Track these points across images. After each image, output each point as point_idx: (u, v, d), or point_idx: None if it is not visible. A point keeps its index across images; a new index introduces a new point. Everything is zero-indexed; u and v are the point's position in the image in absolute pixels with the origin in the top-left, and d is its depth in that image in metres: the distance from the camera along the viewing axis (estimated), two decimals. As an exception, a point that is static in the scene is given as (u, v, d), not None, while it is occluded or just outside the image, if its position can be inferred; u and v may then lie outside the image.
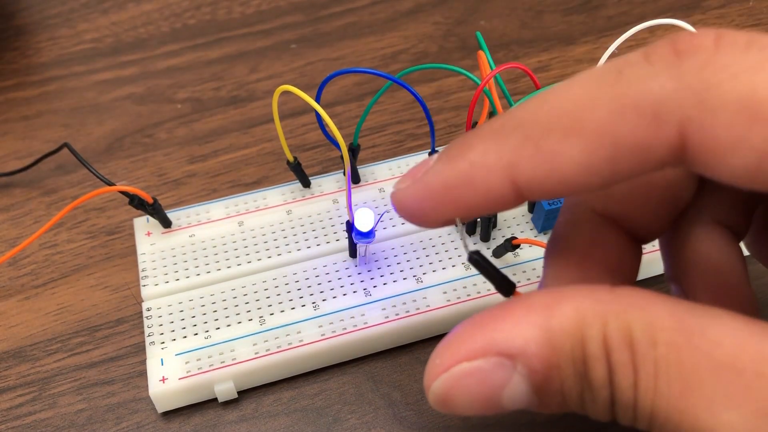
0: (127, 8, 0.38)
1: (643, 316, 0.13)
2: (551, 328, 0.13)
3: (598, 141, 0.13)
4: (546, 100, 0.13)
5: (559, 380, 0.14)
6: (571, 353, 0.13)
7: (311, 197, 0.27)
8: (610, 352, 0.13)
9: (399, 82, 0.24)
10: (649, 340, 0.13)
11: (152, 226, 0.26)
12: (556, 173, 0.13)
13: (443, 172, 0.14)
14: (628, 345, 0.13)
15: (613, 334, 0.13)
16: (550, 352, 0.13)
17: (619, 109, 0.12)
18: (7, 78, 0.35)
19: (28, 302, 0.26)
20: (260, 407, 0.23)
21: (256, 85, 0.34)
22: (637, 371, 0.13)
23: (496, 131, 0.14)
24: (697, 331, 0.12)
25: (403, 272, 0.25)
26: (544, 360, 0.14)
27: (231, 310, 0.24)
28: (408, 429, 0.22)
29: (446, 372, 0.14)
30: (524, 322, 0.14)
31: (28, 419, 0.23)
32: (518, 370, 0.14)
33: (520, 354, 0.14)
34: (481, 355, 0.14)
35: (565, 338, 0.13)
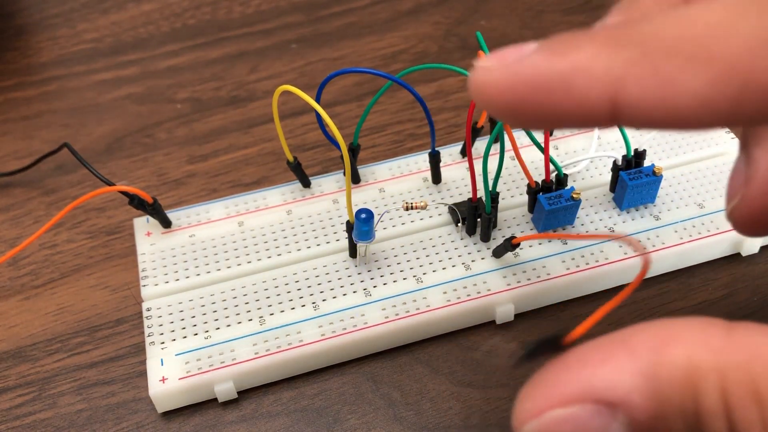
0: (127, 8, 0.38)
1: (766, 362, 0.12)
2: (658, 377, 0.12)
3: (728, 75, 0.11)
4: (677, 19, 0.12)
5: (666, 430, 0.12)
6: (680, 406, 0.12)
7: (311, 197, 0.27)
8: (732, 409, 0.12)
9: (399, 81, 0.24)
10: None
11: (152, 226, 0.26)
12: (669, 103, 0.11)
13: (540, 65, 0.12)
14: (754, 400, 0.11)
15: (734, 388, 0.12)
16: (656, 404, 0.12)
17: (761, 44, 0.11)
18: (7, 78, 0.35)
19: (28, 302, 0.26)
20: (260, 407, 0.23)
21: (256, 85, 0.34)
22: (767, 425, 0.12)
23: (612, 37, 0.12)
24: None
25: (403, 272, 0.24)
26: (650, 412, 0.12)
27: (231, 310, 0.24)
28: (408, 429, 0.22)
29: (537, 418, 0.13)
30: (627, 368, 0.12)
31: (28, 419, 0.23)
32: (619, 419, 0.12)
33: (622, 404, 0.12)
34: (577, 401, 0.13)
35: (674, 391, 0.12)
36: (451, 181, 0.27)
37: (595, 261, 0.24)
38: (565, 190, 0.25)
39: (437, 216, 0.26)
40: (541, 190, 0.25)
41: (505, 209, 0.26)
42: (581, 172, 0.27)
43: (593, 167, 0.27)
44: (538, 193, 0.25)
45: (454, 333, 0.24)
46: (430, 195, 0.27)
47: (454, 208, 0.25)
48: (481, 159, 0.23)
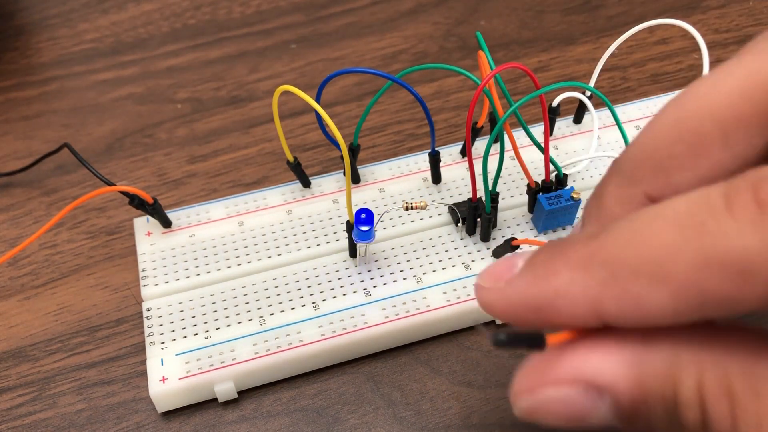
0: (127, 8, 0.38)
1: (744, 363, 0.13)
2: (643, 367, 0.13)
3: (685, 292, 0.12)
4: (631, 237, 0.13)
5: (646, 416, 0.14)
6: (661, 395, 0.13)
7: (311, 197, 0.27)
8: (705, 401, 0.13)
9: (399, 82, 0.24)
10: (751, 390, 0.12)
11: (152, 226, 0.26)
12: (643, 315, 0.13)
13: (527, 292, 0.14)
14: (726, 395, 0.13)
15: (709, 382, 0.13)
16: (639, 391, 0.13)
17: (705, 264, 0.12)
18: (7, 78, 0.35)
19: (28, 302, 0.26)
20: (260, 407, 0.23)
21: (256, 85, 0.34)
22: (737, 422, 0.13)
23: (582, 262, 0.14)
24: None
25: (403, 272, 0.24)
26: (633, 398, 0.13)
27: (231, 310, 0.24)
28: (408, 429, 0.22)
29: (532, 395, 0.14)
30: (616, 356, 0.14)
31: (28, 419, 0.23)
32: (605, 402, 0.14)
33: (609, 389, 0.14)
34: (568, 383, 0.14)
35: (656, 380, 0.13)
36: (451, 181, 0.27)
37: (595, 261, 0.24)
38: (564, 190, 0.25)
39: (437, 216, 0.26)
40: (541, 190, 0.25)
41: (505, 209, 0.26)
42: (581, 172, 0.27)
43: (593, 167, 0.27)
44: (538, 193, 0.25)
45: (454, 333, 0.24)
46: (430, 195, 0.27)
47: (454, 208, 0.25)
48: (481, 159, 0.23)
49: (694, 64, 0.33)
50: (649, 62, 0.33)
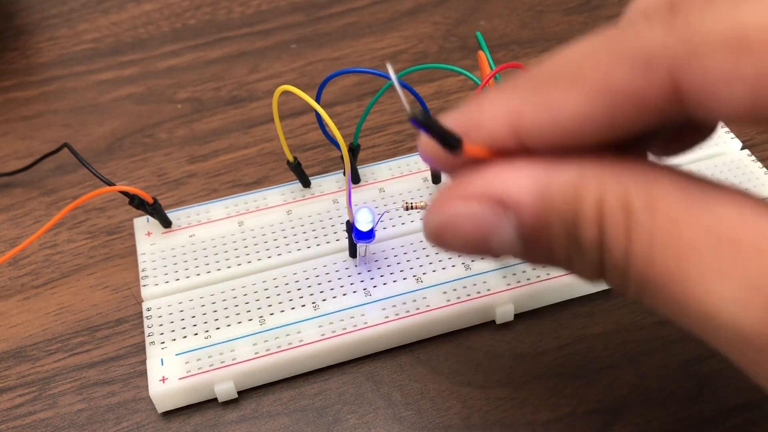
0: (127, 8, 0.38)
1: (644, 183, 0.13)
2: (548, 183, 0.14)
3: (597, 91, 0.13)
4: (555, 56, 0.14)
5: (547, 236, 0.14)
6: (562, 212, 0.14)
7: (311, 197, 0.27)
8: (604, 217, 0.13)
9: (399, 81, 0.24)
10: (647, 207, 0.13)
11: (152, 226, 0.26)
12: (557, 122, 0.13)
13: (457, 114, 0.15)
14: (623, 210, 0.13)
15: (609, 198, 0.13)
16: (542, 206, 0.14)
17: (615, 60, 0.13)
18: (7, 78, 0.35)
19: (28, 302, 0.26)
20: (260, 407, 0.23)
21: (256, 85, 0.34)
22: (631, 238, 0.13)
23: (509, 85, 0.14)
24: (700, 204, 0.13)
25: (403, 272, 0.24)
26: (535, 214, 0.14)
27: (231, 310, 0.24)
28: (408, 429, 0.22)
29: (441, 210, 0.15)
30: (524, 173, 0.14)
31: (28, 419, 0.23)
32: (509, 219, 0.14)
33: (513, 204, 0.14)
34: (475, 199, 0.14)
35: (559, 196, 0.14)
36: (451, 181, 0.27)
37: (595, 261, 0.24)
38: (565, 190, 0.25)
39: (437, 216, 0.26)
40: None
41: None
42: (581, 172, 0.27)
43: (593, 167, 0.27)
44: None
45: (454, 333, 0.24)
46: (430, 195, 0.27)
47: None
48: (481, 159, 0.23)
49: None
50: (649, 62, 0.33)
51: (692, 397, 0.22)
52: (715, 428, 0.22)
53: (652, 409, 0.22)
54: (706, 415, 0.22)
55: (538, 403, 0.22)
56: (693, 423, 0.22)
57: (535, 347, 0.24)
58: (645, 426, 0.22)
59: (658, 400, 0.22)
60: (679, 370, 0.23)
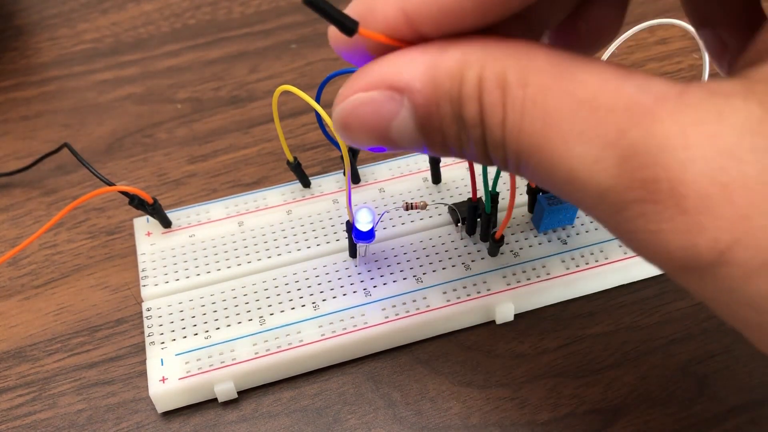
0: (127, 8, 0.38)
1: (520, 60, 0.14)
2: (436, 66, 0.14)
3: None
4: None
5: (438, 118, 0.15)
6: (449, 92, 0.14)
7: (311, 197, 0.27)
8: (483, 93, 0.14)
9: None
10: (520, 81, 0.13)
11: (152, 226, 0.26)
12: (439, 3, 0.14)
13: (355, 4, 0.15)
14: (500, 86, 0.14)
15: (488, 75, 0.14)
16: (431, 89, 0.14)
17: None
18: (7, 78, 0.35)
19: (28, 302, 0.26)
20: (260, 407, 0.23)
21: (256, 85, 0.34)
22: (506, 110, 0.14)
23: None
24: (568, 75, 0.13)
25: (403, 272, 0.24)
26: (426, 96, 0.14)
27: (231, 310, 0.24)
28: (408, 429, 0.22)
29: (345, 100, 0.15)
30: (416, 60, 0.14)
31: (28, 419, 0.23)
32: (404, 104, 0.15)
33: (406, 88, 0.14)
34: (374, 87, 0.15)
35: (446, 77, 0.14)
36: (451, 181, 0.27)
37: (594, 261, 0.24)
38: (565, 190, 0.25)
39: (437, 216, 0.26)
40: (541, 189, 0.25)
41: (505, 209, 0.26)
42: (581, 172, 0.27)
43: (593, 167, 0.27)
44: (538, 193, 0.25)
45: (454, 333, 0.24)
46: (430, 195, 0.27)
47: (454, 208, 0.25)
48: (481, 159, 0.23)
49: (694, 64, 0.33)
50: (649, 62, 0.33)
51: (692, 398, 0.22)
52: (715, 428, 0.22)
53: (652, 409, 0.22)
54: (706, 415, 0.22)
55: (538, 403, 0.22)
56: (693, 423, 0.22)
57: (535, 347, 0.24)
58: (645, 426, 0.22)
59: (658, 401, 0.22)
60: (679, 371, 0.23)
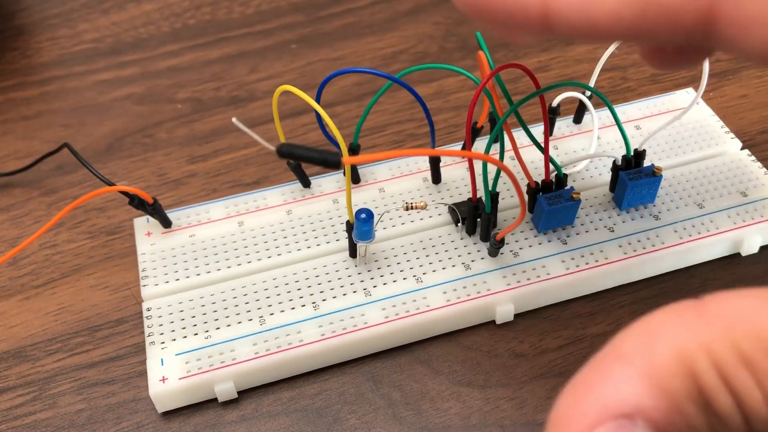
0: (127, 8, 0.38)
1: (747, 329, 0.13)
2: (657, 375, 0.13)
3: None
4: None
5: (683, 420, 0.13)
6: (686, 393, 0.13)
7: (311, 197, 0.27)
8: (729, 379, 0.12)
9: (399, 81, 0.24)
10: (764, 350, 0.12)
11: (152, 226, 0.26)
12: (588, 12, 0.14)
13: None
14: (745, 365, 0.12)
15: (723, 359, 0.12)
16: (665, 400, 0.13)
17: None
18: (7, 78, 0.35)
19: (28, 302, 0.26)
20: (260, 407, 0.23)
21: (256, 85, 0.34)
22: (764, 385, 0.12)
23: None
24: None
25: (403, 272, 0.24)
26: (662, 410, 0.13)
27: (231, 310, 0.24)
28: (408, 429, 0.22)
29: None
30: (627, 378, 0.13)
31: (28, 419, 0.23)
32: (639, 425, 0.13)
33: (637, 412, 0.13)
34: (598, 424, 0.13)
35: (675, 381, 0.13)
36: (451, 181, 0.27)
37: (594, 261, 0.24)
38: (564, 190, 0.25)
39: (437, 216, 0.26)
40: (541, 190, 0.25)
41: (505, 209, 0.26)
42: (581, 172, 0.27)
43: (593, 167, 0.27)
44: (538, 193, 0.25)
45: (454, 333, 0.24)
46: (430, 195, 0.27)
47: (454, 208, 0.25)
48: (481, 159, 0.23)
49: (694, 64, 0.33)
50: (649, 62, 0.33)
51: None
52: (715, 428, 0.22)
53: (652, 409, 0.22)
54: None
55: (538, 403, 0.22)
56: (693, 423, 0.22)
57: (535, 347, 0.24)
58: (645, 426, 0.22)
59: (658, 400, 0.22)
60: (679, 370, 0.23)
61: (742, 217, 0.25)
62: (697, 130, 0.29)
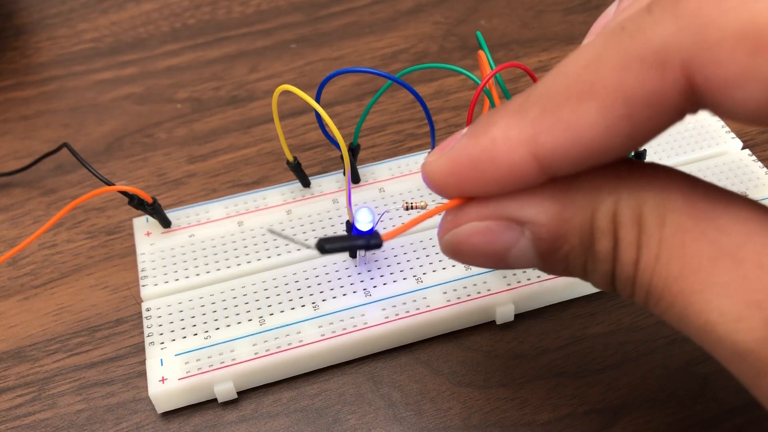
0: (126, 8, 0.38)
1: (656, 195, 0.13)
2: (565, 201, 0.14)
3: (611, 100, 0.12)
4: (560, 69, 0.13)
5: (564, 249, 0.14)
6: (579, 225, 0.14)
7: (311, 197, 0.27)
8: (618, 228, 0.13)
9: (399, 81, 0.24)
10: (657, 220, 0.13)
11: (152, 226, 0.26)
12: (577, 140, 0.13)
13: (467, 148, 0.14)
14: (636, 223, 0.13)
15: (623, 210, 0.13)
16: (559, 223, 0.14)
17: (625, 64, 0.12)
18: (7, 78, 0.35)
19: (28, 302, 0.26)
20: (260, 407, 0.23)
21: (256, 85, 0.34)
22: (641, 249, 0.13)
23: (517, 107, 0.14)
24: (707, 217, 0.13)
25: (403, 272, 0.24)
26: (552, 230, 0.14)
27: (231, 310, 0.24)
28: (408, 429, 0.22)
29: (457, 227, 0.15)
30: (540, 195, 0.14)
31: (28, 419, 0.23)
32: (525, 234, 0.14)
33: (530, 221, 0.14)
34: (490, 217, 0.14)
35: (575, 211, 0.14)
36: (451, 181, 0.27)
37: (595, 261, 0.24)
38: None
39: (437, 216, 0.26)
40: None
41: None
42: (581, 172, 0.27)
43: (593, 167, 0.27)
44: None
45: (454, 333, 0.24)
46: (430, 195, 0.27)
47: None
48: (481, 159, 0.23)
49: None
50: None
51: (693, 398, 0.22)
52: (715, 429, 0.22)
53: (652, 410, 0.22)
54: (706, 415, 0.22)
55: (538, 403, 0.22)
56: (693, 423, 0.22)
57: (535, 347, 0.24)
58: (645, 426, 0.22)
59: (658, 401, 0.22)
60: (679, 371, 0.23)
61: (742, 217, 0.25)
62: (697, 129, 0.29)
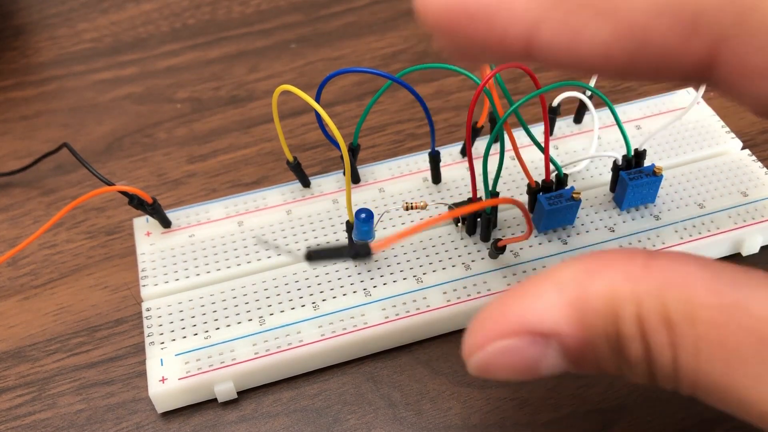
0: (126, 8, 0.38)
1: (679, 293, 0.13)
2: (583, 307, 0.13)
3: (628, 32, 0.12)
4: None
5: (593, 355, 0.14)
6: (604, 332, 0.13)
7: (311, 197, 0.27)
8: (646, 333, 0.13)
9: (399, 81, 0.24)
10: (687, 318, 0.13)
11: (152, 226, 0.26)
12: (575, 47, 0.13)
13: None
14: (665, 325, 0.13)
15: (648, 314, 0.13)
16: (582, 331, 0.14)
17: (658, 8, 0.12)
18: (7, 78, 0.35)
19: (28, 302, 0.26)
20: (260, 407, 0.23)
21: (256, 85, 0.34)
22: (677, 350, 0.13)
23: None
24: (739, 307, 0.12)
25: (403, 272, 0.24)
26: (577, 339, 0.14)
27: (231, 310, 0.24)
28: (408, 429, 0.22)
29: (482, 350, 0.15)
30: (555, 302, 0.14)
31: (28, 419, 0.23)
32: (552, 347, 0.14)
33: (553, 334, 0.14)
34: (514, 335, 0.14)
35: (597, 318, 0.13)
36: (451, 181, 0.27)
37: (595, 261, 0.24)
38: (565, 190, 0.25)
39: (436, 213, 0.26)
40: (541, 190, 0.25)
41: (505, 209, 0.26)
42: (581, 172, 0.27)
43: (593, 167, 0.27)
44: (538, 193, 0.25)
45: (454, 333, 0.24)
46: (430, 195, 0.27)
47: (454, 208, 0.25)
48: (481, 159, 0.23)
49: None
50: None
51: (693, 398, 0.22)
52: (716, 429, 0.22)
53: (652, 410, 0.22)
54: (707, 415, 0.22)
55: (538, 403, 0.22)
56: (694, 423, 0.22)
57: (535, 347, 0.24)
58: (646, 426, 0.22)
59: (658, 401, 0.22)
60: (679, 371, 0.23)
61: (742, 217, 0.25)
62: (697, 129, 0.29)
